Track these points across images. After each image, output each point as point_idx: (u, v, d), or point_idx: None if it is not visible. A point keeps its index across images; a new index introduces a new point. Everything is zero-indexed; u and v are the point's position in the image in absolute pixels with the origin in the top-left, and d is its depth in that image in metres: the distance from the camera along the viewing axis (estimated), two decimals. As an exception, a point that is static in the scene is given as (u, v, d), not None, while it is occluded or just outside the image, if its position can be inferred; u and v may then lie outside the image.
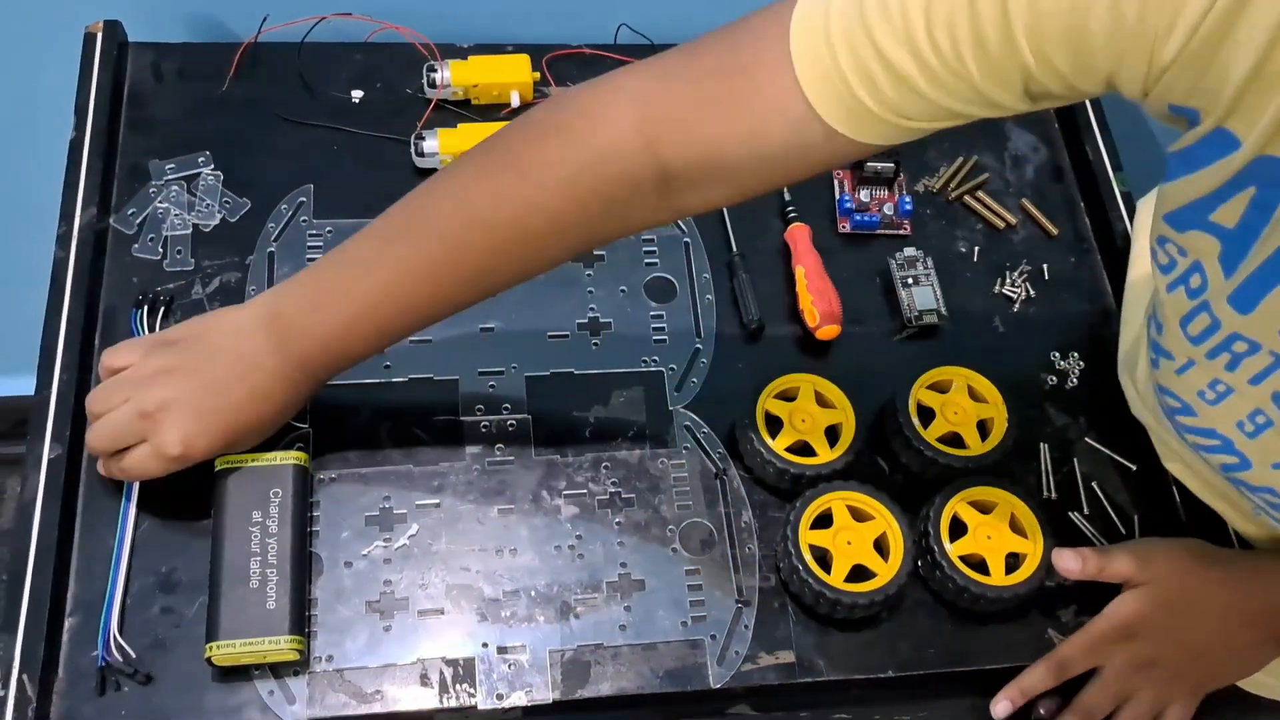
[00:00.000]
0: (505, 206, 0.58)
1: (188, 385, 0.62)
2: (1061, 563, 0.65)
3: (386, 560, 0.66)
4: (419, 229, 0.60)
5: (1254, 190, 0.47)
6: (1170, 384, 0.59)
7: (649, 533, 0.69)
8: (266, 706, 0.62)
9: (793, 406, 0.71)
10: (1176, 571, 0.65)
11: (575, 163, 0.56)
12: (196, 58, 0.81)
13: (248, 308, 0.64)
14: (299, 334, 0.62)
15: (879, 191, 0.82)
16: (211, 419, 0.61)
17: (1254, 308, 0.50)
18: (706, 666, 0.65)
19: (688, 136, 0.54)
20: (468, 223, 0.59)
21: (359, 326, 0.62)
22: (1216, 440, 0.58)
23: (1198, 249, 0.52)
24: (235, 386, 0.62)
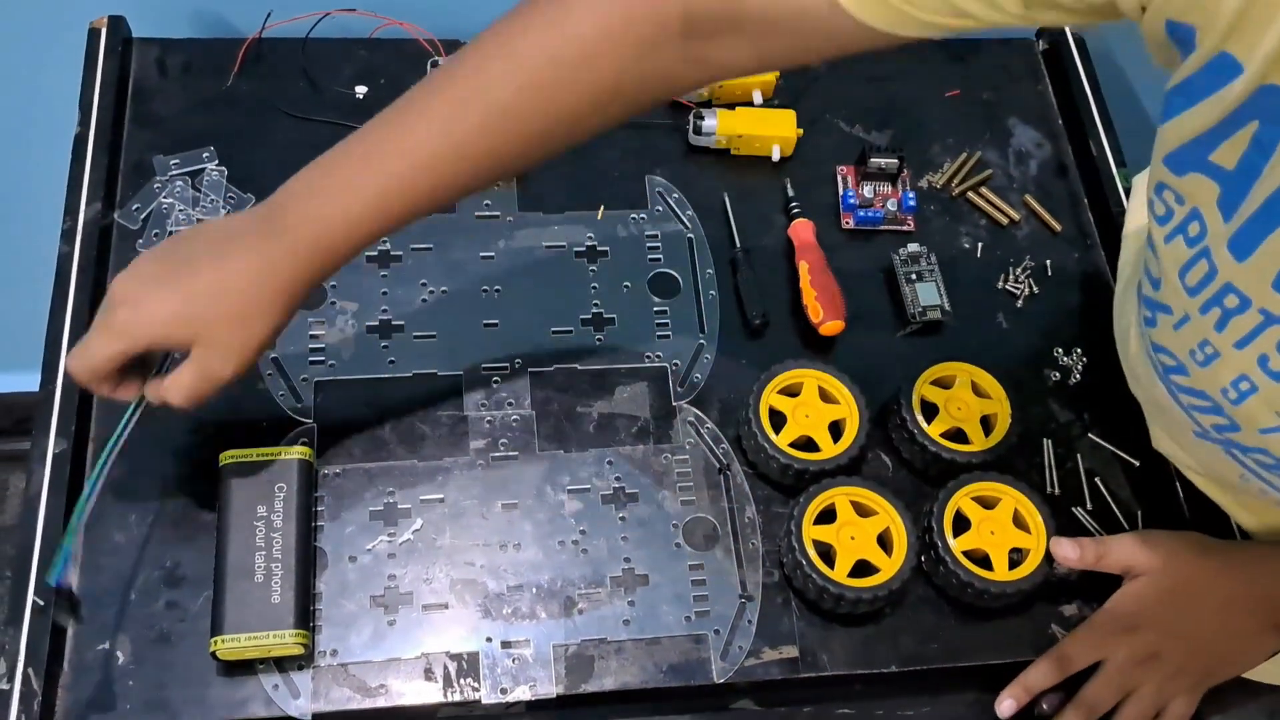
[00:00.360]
0: (531, 29, 0.56)
1: (152, 257, 0.58)
2: (1060, 551, 0.65)
3: (391, 555, 0.66)
4: (438, 75, 0.57)
5: (1255, 125, 0.46)
6: (1166, 341, 0.58)
7: (652, 528, 0.69)
8: (271, 700, 0.62)
9: (796, 402, 0.71)
10: (1177, 562, 0.65)
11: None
12: (201, 53, 0.82)
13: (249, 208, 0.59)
14: (293, 212, 0.57)
15: (883, 187, 0.82)
16: (164, 282, 0.56)
17: (1251, 253, 0.49)
18: (710, 661, 0.65)
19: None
20: (490, 54, 0.56)
21: (359, 194, 0.56)
22: (1207, 401, 0.58)
23: (1196, 194, 0.51)
24: (202, 260, 0.56)
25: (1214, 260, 0.52)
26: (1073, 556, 0.65)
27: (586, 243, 0.78)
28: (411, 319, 0.74)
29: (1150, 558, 0.65)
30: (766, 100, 0.85)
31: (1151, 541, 0.66)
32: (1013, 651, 0.68)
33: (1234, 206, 0.49)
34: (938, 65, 0.90)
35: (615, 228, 0.79)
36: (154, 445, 0.67)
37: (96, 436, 0.68)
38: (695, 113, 0.82)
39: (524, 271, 0.77)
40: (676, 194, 0.81)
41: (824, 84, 0.87)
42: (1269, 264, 0.49)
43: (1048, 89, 0.90)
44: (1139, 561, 0.65)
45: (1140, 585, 0.65)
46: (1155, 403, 0.67)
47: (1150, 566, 0.65)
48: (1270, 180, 0.47)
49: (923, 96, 0.88)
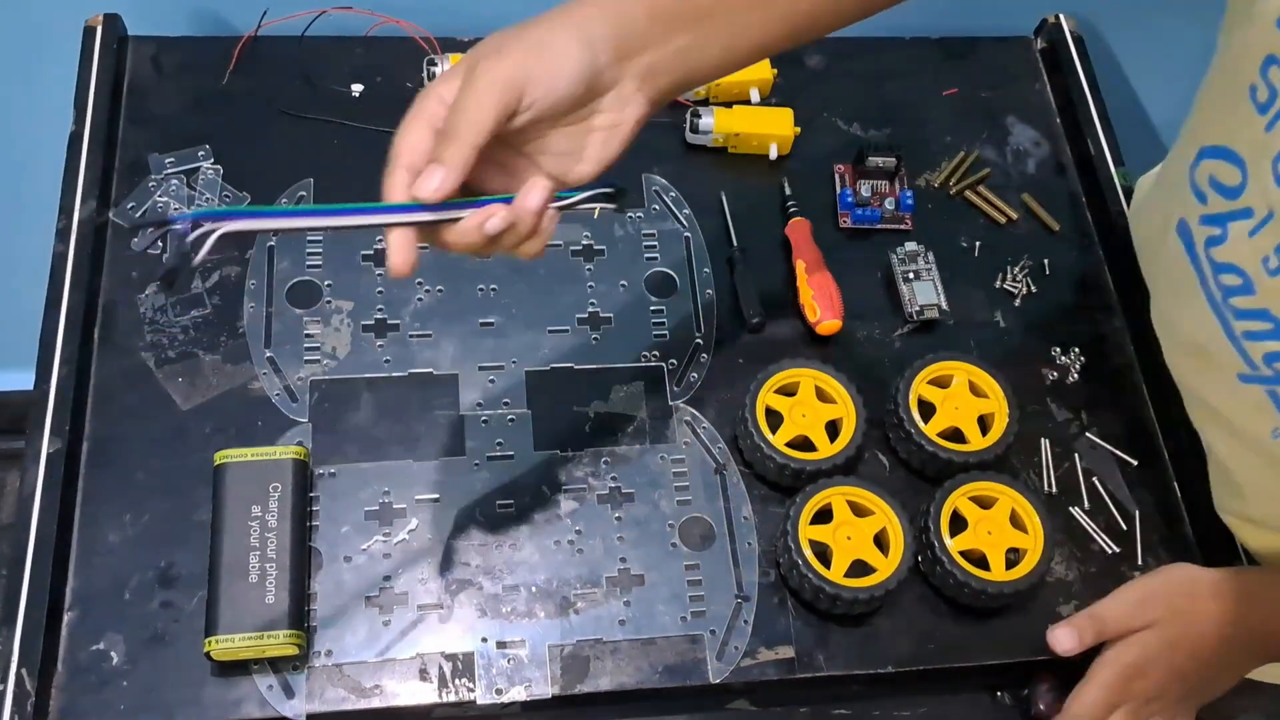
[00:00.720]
0: None
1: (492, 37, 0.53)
2: (1059, 645, 0.64)
3: (386, 555, 0.66)
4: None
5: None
6: (1234, 255, 0.56)
7: (649, 528, 0.69)
8: (265, 701, 0.62)
9: (793, 401, 0.71)
10: (1174, 611, 0.64)
11: None
12: (196, 51, 0.81)
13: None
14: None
15: (880, 186, 0.82)
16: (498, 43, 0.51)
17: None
18: (706, 662, 0.65)
19: None
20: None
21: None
22: (1268, 324, 0.56)
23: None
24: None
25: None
26: (1072, 645, 0.64)
27: (583, 242, 0.78)
28: (407, 318, 0.74)
29: (1148, 612, 0.64)
30: (764, 98, 0.84)
31: (1147, 596, 0.65)
32: (1010, 652, 0.68)
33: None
34: (936, 64, 0.90)
35: (612, 226, 0.79)
36: (148, 444, 0.67)
37: (91, 436, 0.68)
38: (692, 111, 0.82)
39: (520, 271, 0.76)
40: (673, 193, 0.81)
41: (821, 82, 0.87)
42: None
43: (1046, 87, 0.90)
44: (1138, 621, 0.64)
45: (1143, 637, 0.64)
46: (1201, 350, 0.66)
47: (1150, 620, 0.64)
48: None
49: (921, 95, 0.88)
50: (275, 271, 0.74)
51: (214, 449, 0.65)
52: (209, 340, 0.71)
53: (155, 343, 0.71)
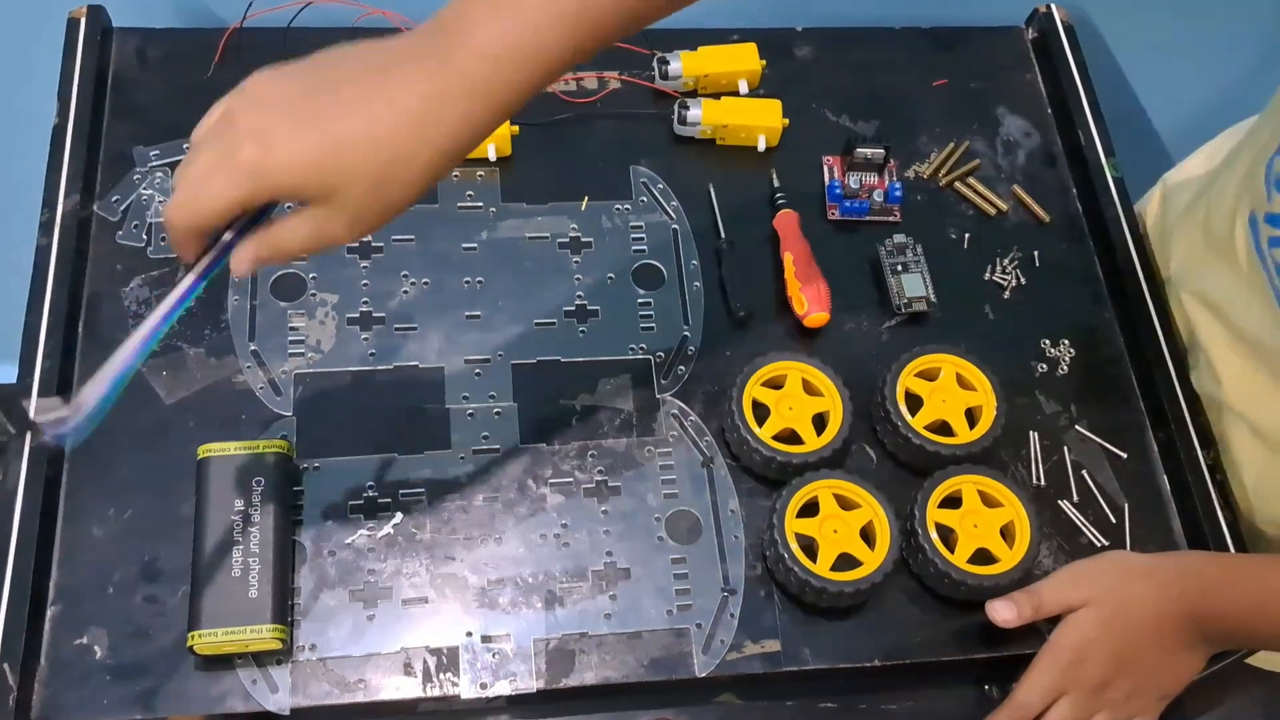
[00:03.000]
0: None
1: (291, 83, 0.46)
2: (997, 615, 0.65)
3: (370, 549, 0.66)
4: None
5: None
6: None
7: (635, 521, 0.69)
8: (249, 695, 0.61)
9: (780, 394, 0.71)
10: (1107, 588, 0.65)
11: None
12: (181, 43, 0.81)
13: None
14: (466, 27, 0.45)
15: (869, 178, 0.82)
16: (303, 118, 0.44)
17: None
18: (692, 655, 0.65)
19: None
20: None
21: (552, 12, 0.46)
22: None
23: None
24: (349, 90, 0.45)
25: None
26: (1010, 616, 0.64)
27: (570, 234, 0.78)
28: (392, 311, 0.73)
29: (1083, 591, 0.65)
30: (752, 90, 0.84)
31: (1081, 574, 0.66)
32: (997, 646, 0.68)
33: None
34: (925, 54, 0.89)
35: (599, 219, 0.79)
36: (132, 438, 0.67)
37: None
38: (680, 102, 0.81)
39: (507, 263, 0.76)
40: (661, 184, 0.80)
41: (810, 74, 0.87)
42: None
43: (1036, 78, 0.90)
44: (1074, 598, 0.65)
45: (1078, 618, 0.64)
46: (1257, 345, 0.66)
47: (1085, 598, 0.65)
48: None
49: (910, 86, 0.88)
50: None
51: (197, 443, 0.65)
52: (192, 333, 0.71)
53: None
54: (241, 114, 0.45)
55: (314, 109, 0.44)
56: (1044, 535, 0.70)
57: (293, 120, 0.44)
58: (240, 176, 0.44)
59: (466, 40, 0.45)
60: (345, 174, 0.45)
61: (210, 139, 0.46)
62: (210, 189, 0.45)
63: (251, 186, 0.45)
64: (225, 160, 0.45)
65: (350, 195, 0.45)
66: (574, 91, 0.84)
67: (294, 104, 0.45)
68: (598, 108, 0.83)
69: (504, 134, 0.78)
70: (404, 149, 0.45)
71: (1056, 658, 0.64)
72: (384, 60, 0.45)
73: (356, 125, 0.44)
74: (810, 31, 0.89)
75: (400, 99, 0.44)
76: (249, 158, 0.44)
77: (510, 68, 0.45)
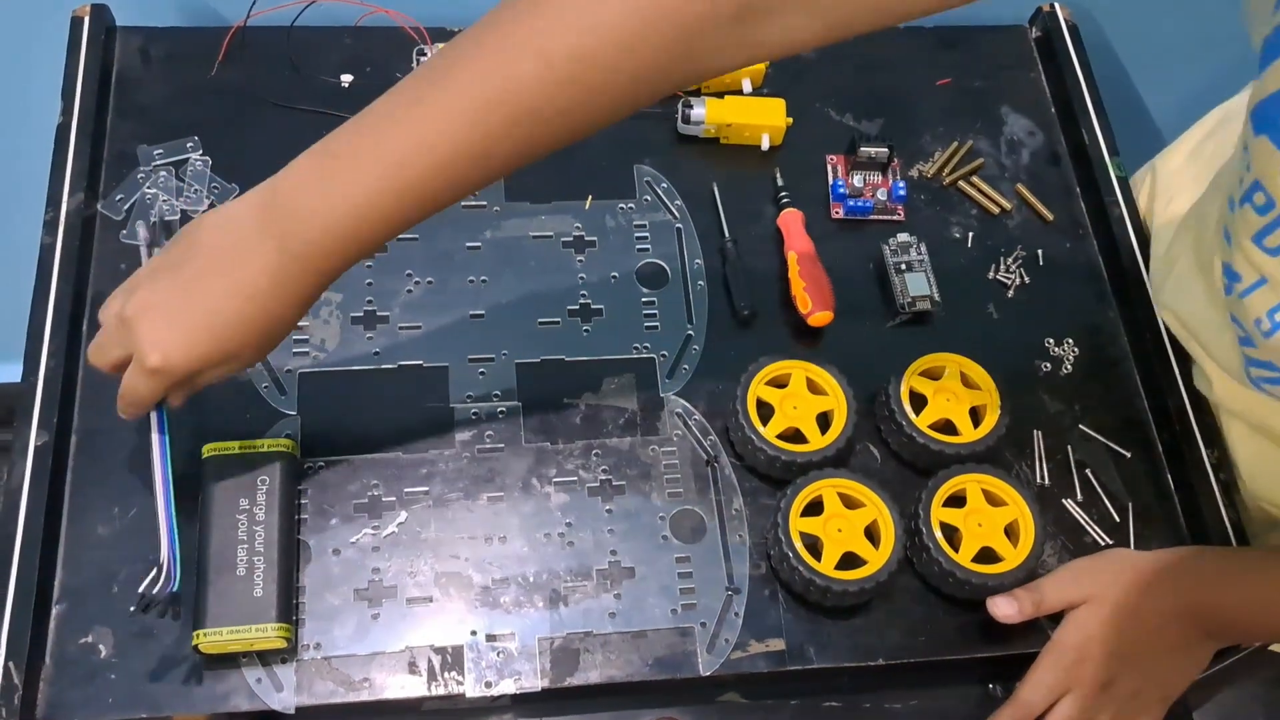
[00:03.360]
0: (566, 30, 0.49)
1: (166, 284, 0.55)
2: (998, 610, 0.65)
3: (375, 548, 0.66)
4: (458, 70, 0.51)
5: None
6: (1236, 309, 0.57)
7: (639, 520, 0.69)
8: (254, 694, 0.61)
9: (784, 393, 0.71)
10: (1109, 584, 0.65)
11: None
12: (185, 42, 0.81)
13: (247, 195, 0.55)
14: (298, 215, 0.52)
15: (873, 177, 0.82)
16: (185, 321, 0.54)
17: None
18: (696, 654, 0.65)
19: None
20: (519, 52, 0.50)
21: (375, 197, 0.52)
22: (1275, 372, 0.56)
23: (1262, 163, 0.50)
24: (213, 283, 0.54)
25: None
26: (1011, 612, 0.65)
27: (574, 233, 0.78)
28: (397, 310, 0.73)
29: (1084, 588, 0.65)
30: (756, 89, 0.84)
31: (1082, 571, 0.66)
32: (1000, 645, 0.68)
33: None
34: (929, 53, 0.89)
35: (603, 218, 0.79)
36: (136, 438, 0.67)
37: (79, 429, 0.67)
38: (684, 101, 0.81)
39: (511, 262, 0.76)
40: (665, 183, 0.80)
41: (814, 72, 0.87)
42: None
43: (1040, 77, 0.90)
44: (1075, 594, 0.65)
45: (1080, 615, 0.65)
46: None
47: (1086, 595, 0.65)
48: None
49: (914, 85, 0.88)
50: (264, 263, 0.73)
51: (202, 442, 0.65)
52: (197, 332, 0.71)
53: (143, 335, 0.70)
54: (137, 324, 0.55)
55: (192, 312, 0.54)
56: (1048, 534, 0.70)
57: (181, 329, 0.54)
58: (156, 381, 0.56)
59: (300, 228, 0.53)
60: (231, 352, 0.56)
61: (118, 338, 0.56)
62: (139, 394, 0.57)
63: (167, 383, 0.56)
64: (139, 370, 0.56)
65: (243, 355, 0.56)
66: (578, 90, 0.83)
67: (176, 311, 0.55)
68: (601, 107, 0.83)
69: (508, 133, 0.78)
70: (267, 320, 0.55)
71: (1060, 656, 0.64)
72: (235, 251, 0.54)
73: (229, 317, 0.54)
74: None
75: (256, 286, 0.54)
76: (157, 365, 0.55)
77: (339, 248, 0.53)
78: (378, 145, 0.52)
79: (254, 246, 0.53)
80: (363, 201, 0.52)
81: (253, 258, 0.53)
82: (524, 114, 0.51)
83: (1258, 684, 1.45)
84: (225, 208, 0.56)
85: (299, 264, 0.53)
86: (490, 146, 0.52)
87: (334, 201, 0.52)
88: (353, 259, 0.55)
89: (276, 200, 0.53)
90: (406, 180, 0.52)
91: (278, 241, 0.53)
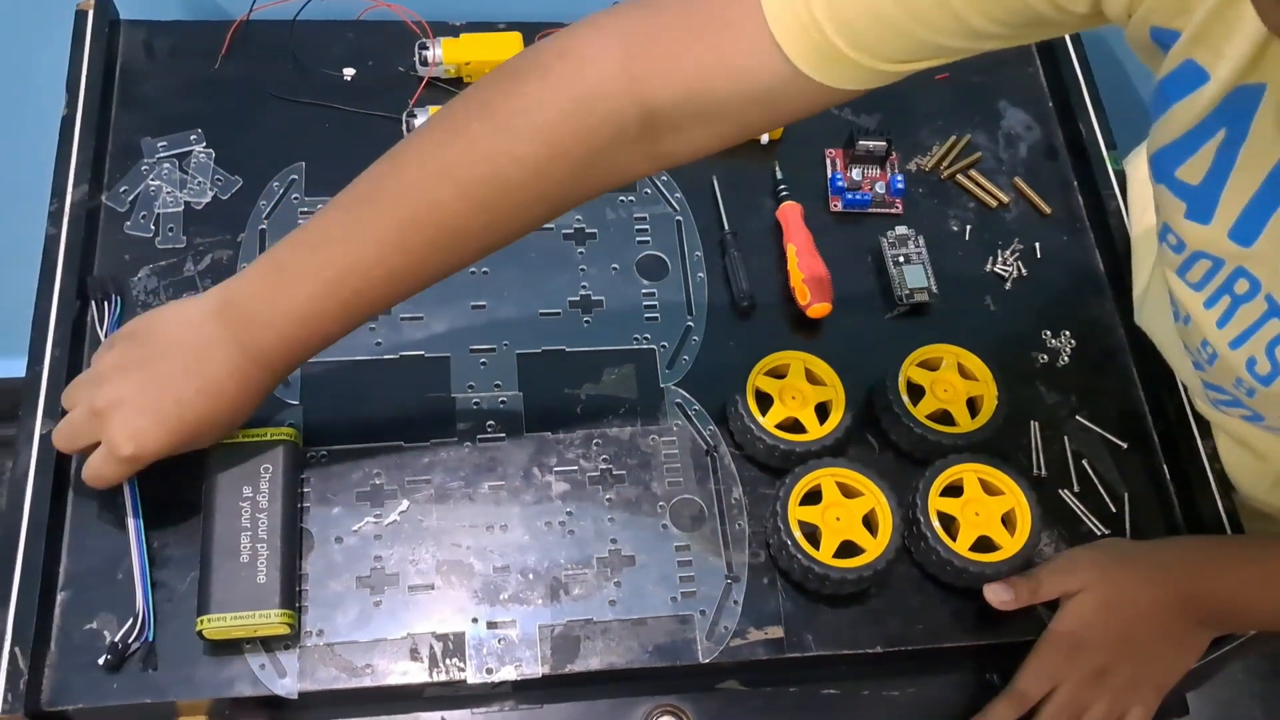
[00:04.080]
0: (479, 159, 0.54)
1: (137, 380, 0.60)
2: (994, 598, 0.66)
3: (377, 536, 0.67)
4: (385, 192, 0.56)
5: (1224, 134, 0.47)
6: (1184, 335, 0.59)
7: (639, 509, 0.69)
8: (257, 680, 0.62)
9: (783, 383, 0.71)
10: (1104, 573, 0.66)
11: (556, 106, 0.53)
12: (188, 35, 0.81)
13: (202, 298, 0.61)
14: (253, 322, 0.59)
15: (871, 170, 0.82)
16: (158, 415, 0.59)
17: (1256, 238, 0.50)
18: (696, 641, 0.66)
19: (673, 70, 0.52)
20: (438, 179, 0.55)
21: (319, 308, 0.58)
22: (1225, 395, 0.58)
23: (1164, 207, 0.52)
24: (183, 381, 0.59)
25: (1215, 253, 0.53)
26: (1008, 598, 0.65)
27: (575, 225, 0.78)
28: (399, 301, 0.74)
29: (1079, 576, 0.66)
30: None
31: (1078, 560, 0.67)
32: (997, 633, 0.68)
33: (1207, 215, 0.50)
34: (928, 48, 0.90)
35: (603, 210, 0.79)
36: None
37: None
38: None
39: (512, 253, 0.75)
40: (665, 176, 0.81)
41: (813, 66, 0.87)
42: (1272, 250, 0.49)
43: (1038, 71, 0.90)
44: (1071, 583, 0.66)
45: (1076, 604, 0.65)
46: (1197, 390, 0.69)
47: (1082, 584, 0.65)
48: (1252, 168, 0.48)
49: (912, 79, 0.87)
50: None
51: (206, 430, 0.65)
52: (201, 323, 0.71)
53: (147, 325, 0.71)
54: (110, 416, 0.59)
55: (163, 407, 0.59)
56: (1044, 524, 0.71)
57: (154, 421, 0.59)
58: (128, 467, 0.61)
59: (257, 334, 0.59)
60: (198, 440, 0.62)
61: (89, 428, 0.61)
62: (108, 477, 0.61)
63: (136, 467, 0.61)
64: (111, 458, 0.60)
65: (201, 444, 0.62)
66: (578, 84, 0.84)
67: (148, 406, 0.59)
68: (602, 100, 0.83)
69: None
70: (231, 413, 0.61)
71: (1056, 644, 0.65)
72: (202, 352, 0.59)
73: (200, 412, 0.60)
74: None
75: (221, 386, 0.60)
76: (130, 454, 0.59)
77: (289, 351, 0.60)
78: (316, 262, 0.58)
79: (217, 349, 0.59)
80: (307, 312, 0.58)
81: (218, 360, 0.59)
82: (445, 234, 0.56)
83: (1255, 679, 1.45)
84: (182, 306, 0.62)
85: (256, 366, 0.60)
86: (415, 263, 0.57)
87: (284, 311, 0.58)
88: (302, 359, 0.61)
89: (232, 308, 0.59)
90: (343, 296, 0.58)
91: (237, 345, 0.59)
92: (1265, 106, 0.47)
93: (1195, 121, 0.49)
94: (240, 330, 0.59)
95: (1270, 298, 0.52)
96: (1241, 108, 0.47)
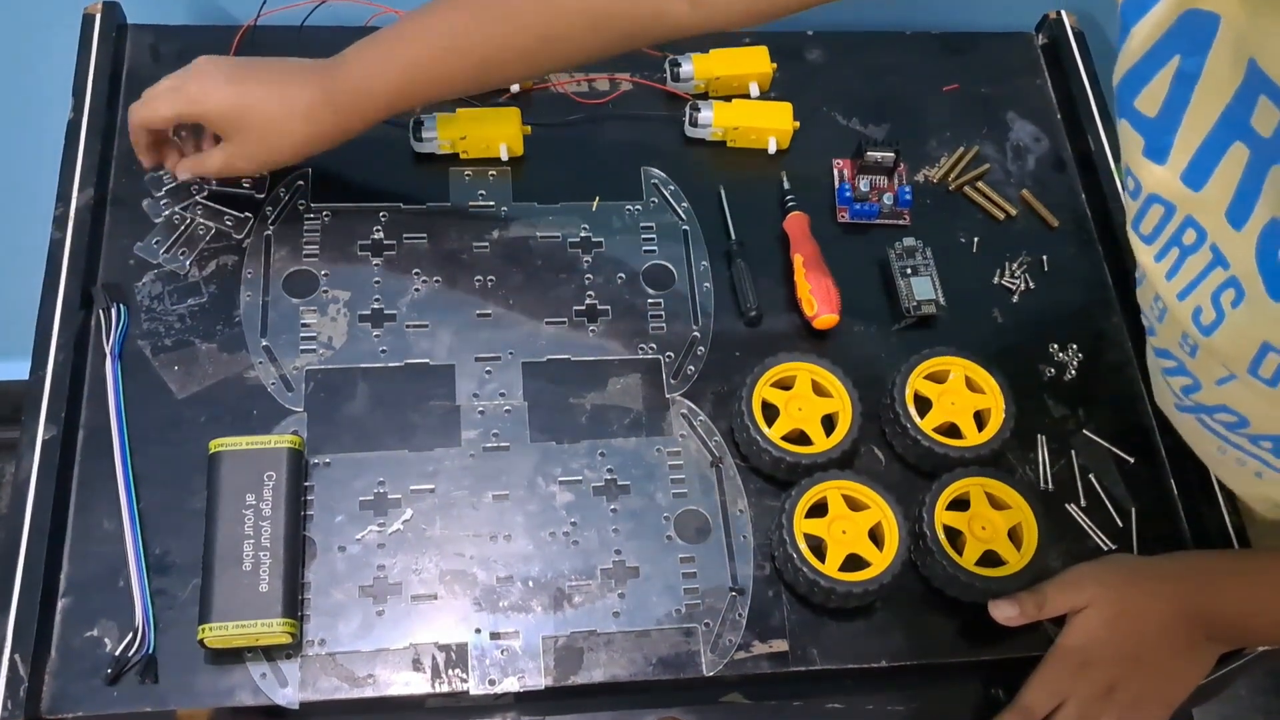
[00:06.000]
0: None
1: (231, 63, 0.69)
2: (1000, 613, 0.65)
3: (380, 545, 0.66)
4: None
5: (1177, 60, 0.49)
6: (1139, 297, 0.62)
7: (644, 520, 0.69)
8: (259, 689, 0.62)
9: (789, 395, 0.71)
10: (1111, 589, 0.65)
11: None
12: (195, 40, 0.81)
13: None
14: (346, 67, 0.68)
15: (879, 181, 0.82)
16: (235, 75, 0.68)
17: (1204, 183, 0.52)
18: (700, 654, 0.65)
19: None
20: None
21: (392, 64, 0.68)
22: (1173, 361, 0.60)
23: (1126, 146, 0.54)
24: (269, 70, 0.69)
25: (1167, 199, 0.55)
26: (1013, 614, 0.65)
27: (581, 234, 0.78)
28: (404, 308, 0.74)
29: (1086, 592, 0.65)
30: (763, 92, 0.84)
31: (1085, 576, 0.66)
32: (1003, 648, 0.68)
33: (1163, 154, 0.52)
34: (936, 59, 0.90)
35: (610, 219, 0.79)
36: (143, 432, 0.67)
37: (86, 423, 0.68)
38: (691, 104, 0.82)
39: (518, 262, 0.76)
40: (672, 186, 0.81)
41: (821, 77, 0.87)
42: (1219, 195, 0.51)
43: (1046, 83, 0.90)
44: (1077, 599, 0.65)
45: (1084, 619, 0.65)
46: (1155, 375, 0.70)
47: (1088, 599, 0.65)
48: (1202, 114, 0.50)
49: (920, 90, 0.88)
50: (272, 261, 0.74)
51: (209, 437, 0.65)
52: (205, 329, 0.71)
53: (151, 331, 0.71)
54: (201, 67, 0.69)
55: (242, 77, 0.68)
56: (1051, 539, 0.70)
57: (226, 79, 0.68)
58: (183, 101, 0.68)
59: (342, 76, 0.68)
60: (245, 122, 0.68)
61: (171, 82, 0.70)
62: (161, 102, 0.69)
63: (186, 107, 0.68)
64: (175, 87, 0.69)
65: (246, 139, 0.69)
66: (586, 93, 0.84)
67: (230, 73, 0.69)
68: (610, 109, 0.83)
69: (516, 134, 0.79)
70: (286, 125, 0.68)
71: (1062, 660, 0.65)
72: (293, 72, 0.69)
73: (262, 96, 0.68)
74: (821, 35, 0.89)
75: (294, 96, 0.68)
76: (193, 91, 0.68)
77: (364, 101, 0.68)
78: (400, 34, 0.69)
79: (306, 72, 0.69)
80: (386, 69, 0.68)
81: (301, 75, 0.69)
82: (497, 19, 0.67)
83: (1259, 695, 1.45)
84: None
85: (330, 98, 0.68)
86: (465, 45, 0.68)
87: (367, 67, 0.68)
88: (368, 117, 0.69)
89: (334, 59, 0.69)
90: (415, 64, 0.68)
91: (322, 76, 0.68)
92: (1220, 41, 0.48)
93: (1150, 43, 0.51)
94: (329, 68, 0.68)
95: (1215, 247, 0.53)
96: (1197, 37, 0.49)
